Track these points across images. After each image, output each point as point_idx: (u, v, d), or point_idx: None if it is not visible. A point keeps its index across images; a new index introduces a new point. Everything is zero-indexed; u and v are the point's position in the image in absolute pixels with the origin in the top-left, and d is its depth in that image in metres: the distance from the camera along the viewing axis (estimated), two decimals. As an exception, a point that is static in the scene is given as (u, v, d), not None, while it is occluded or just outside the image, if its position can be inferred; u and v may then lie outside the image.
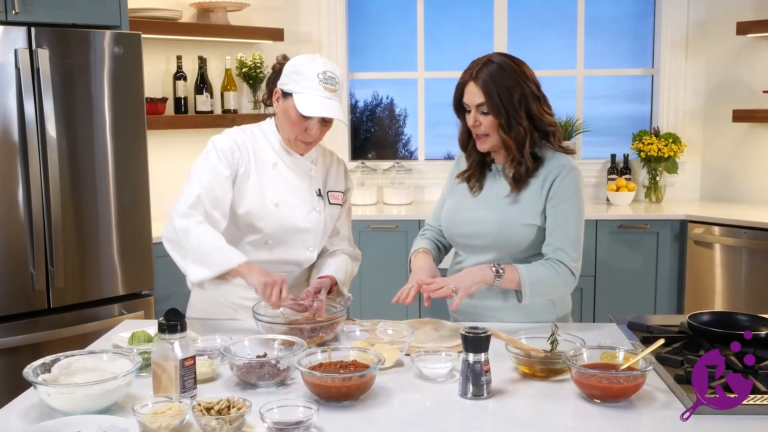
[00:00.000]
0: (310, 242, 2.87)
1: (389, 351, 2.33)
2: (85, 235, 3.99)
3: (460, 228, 2.82)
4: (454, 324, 2.70)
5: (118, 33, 4.05)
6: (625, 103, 6.17)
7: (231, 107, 5.36)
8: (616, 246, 5.21)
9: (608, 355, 2.20)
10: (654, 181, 5.73)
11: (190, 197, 2.70)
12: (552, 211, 2.68)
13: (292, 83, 2.70)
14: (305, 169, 2.86)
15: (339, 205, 2.95)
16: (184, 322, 2.05)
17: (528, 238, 2.69)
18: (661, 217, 5.25)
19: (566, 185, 2.69)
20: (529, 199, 2.70)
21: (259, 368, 2.17)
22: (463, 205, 2.83)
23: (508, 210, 2.71)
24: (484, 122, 2.66)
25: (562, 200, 2.68)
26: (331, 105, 2.67)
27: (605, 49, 6.11)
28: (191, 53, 5.28)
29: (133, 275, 4.18)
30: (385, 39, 6.20)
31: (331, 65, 2.72)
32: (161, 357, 2.04)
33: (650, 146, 5.60)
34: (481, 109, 2.65)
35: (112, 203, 4.07)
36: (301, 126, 2.71)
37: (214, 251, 2.63)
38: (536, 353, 2.28)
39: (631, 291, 5.24)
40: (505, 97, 2.62)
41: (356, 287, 4.86)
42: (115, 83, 4.03)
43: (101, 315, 4.06)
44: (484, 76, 2.64)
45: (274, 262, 2.82)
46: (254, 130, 2.86)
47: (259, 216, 2.77)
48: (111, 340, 2.58)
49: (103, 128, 4.01)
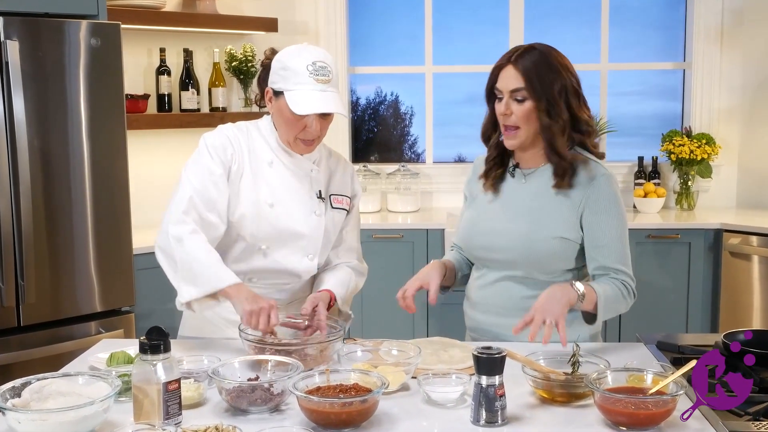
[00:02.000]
0: (310, 249, 2.87)
1: (394, 373, 2.33)
2: (58, 245, 4.00)
3: (480, 240, 2.82)
4: (465, 343, 2.70)
5: (95, 23, 4.06)
6: (654, 100, 6.18)
7: (219, 105, 5.38)
8: (644, 258, 5.21)
9: (635, 378, 2.20)
10: (686, 187, 5.74)
11: (182, 202, 2.71)
12: (594, 225, 2.68)
13: (282, 81, 2.71)
14: (305, 170, 2.86)
15: (343, 210, 2.95)
16: (168, 342, 2.06)
17: (559, 254, 2.70)
18: (693, 226, 5.24)
19: (605, 194, 2.69)
20: (561, 209, 2.70)
21: (250, 392, 2.17)
22: (484, 214, 2.84)
23: (538, 221, 2.72)
24: (517, 111, 2.66)
25: (603, 211, 2.68)
26: (327, 98, 2.68)
27: (632, 40, 6.12)
28: (176, 45, 5.29)
29: (112, 290, 4.19)
30: (389, 29, 6.22)
31: (320, 53, 2.73)
32: (143, 380, 2.04)
33: (681, 148, 5.60)
34: (515, 96, 2.66)
35: (88, 211, 4.08)
36: (299, 125, 2.72)
37: (204, 269, 2.64)
38: (556, 376, 2.28)
39: (661, 307, 5.24)
40: (546, 85, 2.64)
41: (357, 303, 4.86)
42: (92, 78, 4.05)
43: (76, 334, 4.06)
44: (525, 61, 2.66)
45: (270, 272, 2.83)
46: (250, 127, 2.87)
47: (253, 218, 2.77)
48: (87, 361, 2.59)
49: (79, 128, 4.03)
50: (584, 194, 2.69)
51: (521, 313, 2.67)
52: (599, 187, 2.69)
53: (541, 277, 2.72)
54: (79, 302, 4.09)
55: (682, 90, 6.07)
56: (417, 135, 6.31)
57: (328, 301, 2.80)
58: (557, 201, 2.71)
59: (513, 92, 2.66)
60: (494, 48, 5.92)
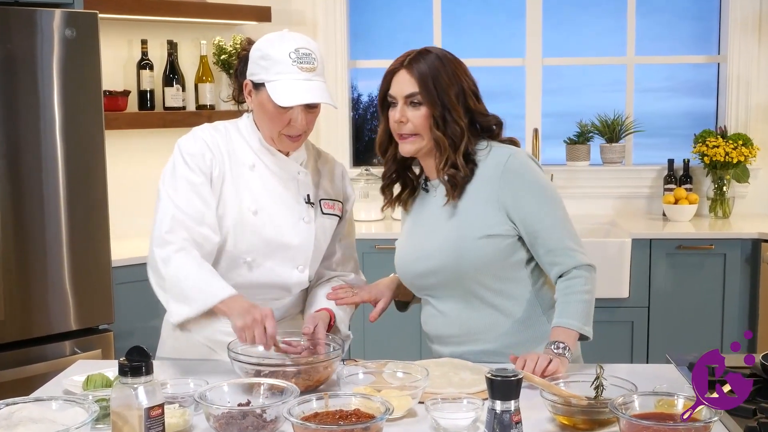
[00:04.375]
0: (299, 260, 2.87)
1: (399, 398, 2.33)
2: (29, 257, 4.00)
3: (410, 269, 2.87)
4: (477, 365, 2.70)
5: (70, 12, 4.07)
6: (685, 97, 6.19)
7: (207, 102, 5.39)
8: (675, 270, 5.21)
9: (665, 402, 2.20)
10: (720, 192, 5.74)
11: (164, 221, 2.71)
12: (520, 211, 2.72)
13: (262, 71, 2.71)
14: (291, 172, 2.86)
15: (335, 216, 2.96)
16: (151, 363, 2.06)
17: (493, 253, 2.73)
18: (729, 236, 5.24)
19: (521, 171, 2.73)
20: (477, 205, 2.74)
21: (241, 419, 2.18)
22: (406, 241, 2.91)
23: (458, 228, 2.75)
24: (413, 118, 2.70)
25: (524, 193, 2.72)
26: (312, 87, 2.69)
27: (661, 31, 6.12)
28: (159, 37, 5.30)
29: (89, 306, 4.19)
30: (393, 19, 6.23)
31: (303, 39, 2.73)
32: (122, 405, 2.04)
33: (716, 150, 5.60)
34: (410, 101, 2.70)
35: (62, 218, 4.09)
36: (283, 119, 2.72)
37: (193, 285, 2.65)
38: (578, 401, 2.28)
39: (693, 325, 5.23)
40: (441, 89, 2.68)
41: (358, 321, 4.85)
42: (67, 73, 4.06)
43: (50, 354, 4.07)
44: (419, 64, 2.70)
45: (257, 286, 2.83)
46: (229, 127, 2.87)
47: (235, 227, 2.78)
48: (62, 384, 2.59)
49: (52, 128, 4.04)
50: (498, 182, 2.72)
51: (483, 337, 2.77)
52: (512, 166, 2.72)
53: (488, 283, 2.76)
54: (52, 319, 4.09)
55: (716, 86, 6.08)
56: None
57: (328, 322, 2.81)
58: (471, 199, 2.75)
59: (408, 97, 2.70)
60: (509, 40, 5.94)
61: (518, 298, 2.79)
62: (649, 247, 5.18)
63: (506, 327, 2.78)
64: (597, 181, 5.90)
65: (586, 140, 5.93)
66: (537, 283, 2.82)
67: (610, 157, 5.90)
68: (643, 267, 5.13)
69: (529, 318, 2.79)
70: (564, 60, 6.11)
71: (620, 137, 5.87)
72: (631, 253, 5.08)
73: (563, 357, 2.58)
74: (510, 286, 2.78)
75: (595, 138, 5.96)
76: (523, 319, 2.79)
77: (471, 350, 2.79)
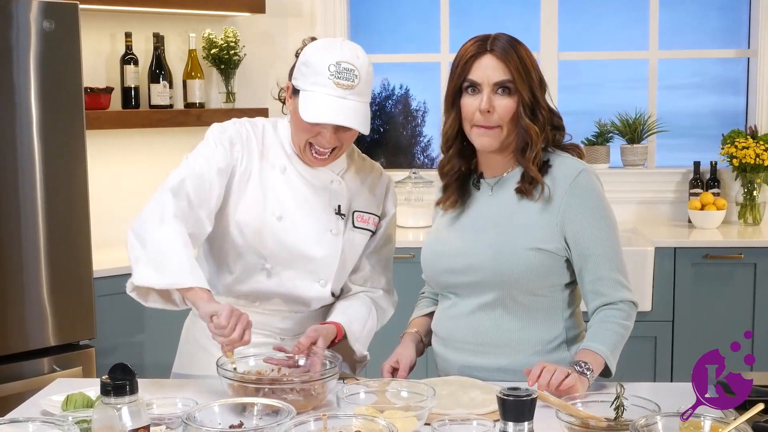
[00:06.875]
0: (322, 273, 2.88)
1: (404, 419, 2.33)
2: (4, 267, 4.01)
3: (444, 262, 2.85)
4: (487, 384, 2.70)
5: (49, 2, 4.07)
6: (713, 94, 6.19)
7: (196, 100, 5.39)
8: (701, 281, 5.21)
9: (691, 424, 2.20)
10: (750, 197, 5.73)
11: (173, 180, 2.73)
12: (577, 231, 2.71)
13: (301, 77, 2.74)
14: (323, 181, 2.87)
15: (368, 231, 2.96)
16: (135, 382, 2.06)
17: (537, 268, 2.73)
18: (759, 244, 5.25)
19: (588, 190, 2.73)
20: (534, 216, 2.74)
21: (232, 442, 2.18)
22: (446, 234, 2.89)
23: (508, 232, 2.75)
24: (500, 107, 2.69)
25: (586, 215, 2.71)
26: (343, 107, 2.68)
27: (686, 24, 6.13)
28: (144, 29, 5.31)
29: (69, 320, 4.19)
30: (398, 10, 6.24)
31: (351, 53, 2.73)
32: (105, 427, 2.04)
33: (745, 151, 5.60)
34: (501, 88, 2.68)
35: (40, 226, 4.09)
36: (311, 130, 2.73)
37: (178, 260, 2.62)
38: (596, 422, 2.28)
39: (721, 340, 5.23)
40: (530, 77, 2.69)
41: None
42: (45, 68, 4.06)
43: (26, 372, 4.07)
44: (506, 48, 2.68)
45: (274, 295, 2.84)
46: (266, 125, 2.91)
47: (257, 230, 2.79)
48: (39, 405, 2.59)
49: (29, 127, 4.04)
50: (562, 197, 2.72)
51: (499, 351, 2.72)
52: (579, 185, 2.72)
53: (521, 297, 2.75)
54: (29, 335, 4.09)
55: (746, 82, 6.08)
56: (431, 136, 6.34)
57: (333, 338, 2.80)
58: (530, 208, 2.74)
59: (496, 85, 2.68)
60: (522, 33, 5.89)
61: (545, 321, 2.79)
62: (674, 257, 5.18)
63: (525, 346, 2.77)
64: (617, 185, 5.88)
65: (605, 141, 5.93)
66: (568, 310, 2.82)
67: (631, 160, 5.90)
68: (666, 278, 5.13)
69: (550, 343, 2.79)
70: (581, 54, 6.10)
71: (642, 138, 5.87)
72: (654, 263, 5.07)
73: (584, 377, 2.58)
74: (542, 305, 2.77)
75: (615, 139, 5.96)
76: (544, 343, 2.78)
77: (483, 364, 2.79)
